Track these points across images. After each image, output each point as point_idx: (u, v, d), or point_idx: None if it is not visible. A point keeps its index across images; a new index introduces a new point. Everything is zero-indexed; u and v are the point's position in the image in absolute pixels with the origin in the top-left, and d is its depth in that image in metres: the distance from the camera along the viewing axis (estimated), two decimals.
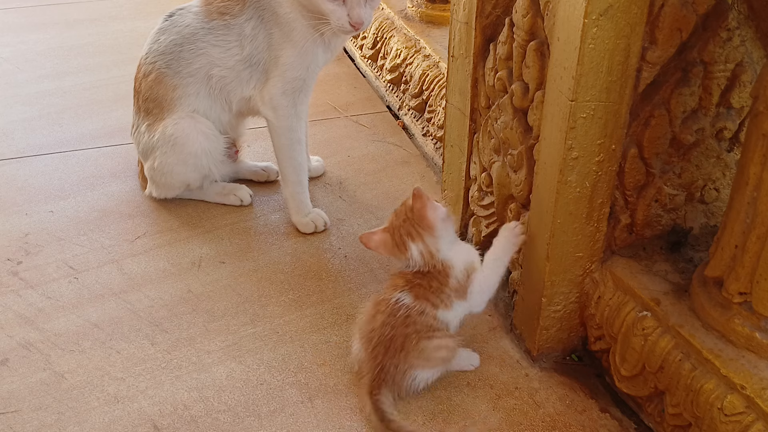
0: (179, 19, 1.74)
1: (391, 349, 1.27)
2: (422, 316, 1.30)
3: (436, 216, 1.31)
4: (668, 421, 1.19)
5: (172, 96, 1.73)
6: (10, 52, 2.80)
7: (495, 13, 1.43)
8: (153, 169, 1.81)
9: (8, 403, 1.34)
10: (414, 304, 1.30)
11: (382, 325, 1.29)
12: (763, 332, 1.07)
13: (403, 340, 1.28)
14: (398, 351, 1.28)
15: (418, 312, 1.29)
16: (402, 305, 1.29)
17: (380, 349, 1.28)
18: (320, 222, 1.80)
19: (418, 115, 2.23)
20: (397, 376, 1.28)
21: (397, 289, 1.32)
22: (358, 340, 1.34)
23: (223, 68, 1.70)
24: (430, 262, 1.31)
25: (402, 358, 1.28)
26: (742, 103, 1.23)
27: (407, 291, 1.31)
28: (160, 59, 1.73)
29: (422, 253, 1.31)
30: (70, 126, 2.27)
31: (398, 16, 2.48)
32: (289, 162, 1.78)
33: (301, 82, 1.69)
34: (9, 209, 1.88)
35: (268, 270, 1.68)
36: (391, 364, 1.27)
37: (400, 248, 1.33)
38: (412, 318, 1.29)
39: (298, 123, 1.74)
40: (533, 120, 1.33)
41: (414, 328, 1.29)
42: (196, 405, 1.34)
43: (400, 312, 1.29)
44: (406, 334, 1.28)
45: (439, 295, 1.31)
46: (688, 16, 1.12)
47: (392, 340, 1.27)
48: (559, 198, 1.24)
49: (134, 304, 1.57)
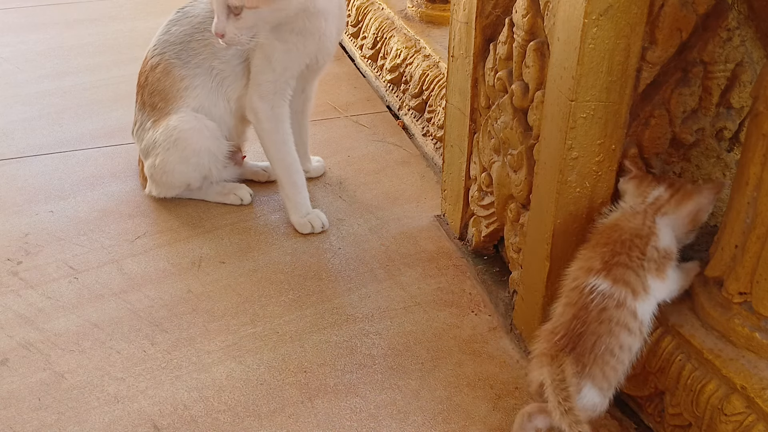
0: (190, 10, 1.76)
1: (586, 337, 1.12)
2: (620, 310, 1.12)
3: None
4: (668, 421, 1.19)
5: (179, 87, 1.74)
6: (10, 52, 2.80)
7: (495, 13, 1.43)
8: (154, 167, 1.80)
9: (8, 403, 1.34)
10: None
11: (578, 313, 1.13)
12: (764, 332, 1.07)
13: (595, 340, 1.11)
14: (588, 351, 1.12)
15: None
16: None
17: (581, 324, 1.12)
18: (317, 223, 1.80)
19: (418, 115, 2.23)
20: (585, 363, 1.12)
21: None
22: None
23: (222, 61, 1.72)
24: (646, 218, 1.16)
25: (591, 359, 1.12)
26: (742, 103, 1.23)
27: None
28: (169, 49, 1.74)
29: (653, 202, 1.17)
30: (70, 126, 2.27)
31: (398, 16, 2.48)
32: (278, 164, 1.78)
33: (272, 85, 1.69)
34: (9, 209, 1.88)
35: (268, 270, 1.68)
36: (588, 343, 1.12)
37: (652, 183, 1.19)
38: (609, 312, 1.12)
39: (278, 125, 1.74)
40: (533, 120, 1.33)
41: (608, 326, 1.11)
42: (196, 405, 1.34)
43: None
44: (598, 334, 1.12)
45: (639, 273, 1.13)
46: (688, 16, 1.12)
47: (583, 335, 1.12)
48: (559, 198, 1.24)
49: (134, 304, 1.57)
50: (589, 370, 1.11)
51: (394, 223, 1.84)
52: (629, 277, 1.13)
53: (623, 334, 1.12)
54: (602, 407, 1.17)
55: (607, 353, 1.11)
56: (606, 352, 1.11)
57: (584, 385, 1.12)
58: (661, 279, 1.14)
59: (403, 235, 1.80)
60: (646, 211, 1.17)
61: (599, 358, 1.11)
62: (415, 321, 1.53)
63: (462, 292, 1.61)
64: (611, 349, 1.11)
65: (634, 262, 1.13)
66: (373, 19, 2.58)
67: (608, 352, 1.11)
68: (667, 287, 1.16)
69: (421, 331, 1.51)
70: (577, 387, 1.10)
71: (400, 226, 1.83)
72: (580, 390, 1.11)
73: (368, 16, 2.62)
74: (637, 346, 1.14)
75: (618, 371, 1.14)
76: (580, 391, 1.11)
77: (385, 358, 1.44)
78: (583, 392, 1.12)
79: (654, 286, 1.14)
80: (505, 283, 1.60)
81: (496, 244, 1.68)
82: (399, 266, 1.69)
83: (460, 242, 1.75)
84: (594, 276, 1.14)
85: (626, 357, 1.14)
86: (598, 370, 1.12)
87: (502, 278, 1.63)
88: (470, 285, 1.63)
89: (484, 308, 1.57)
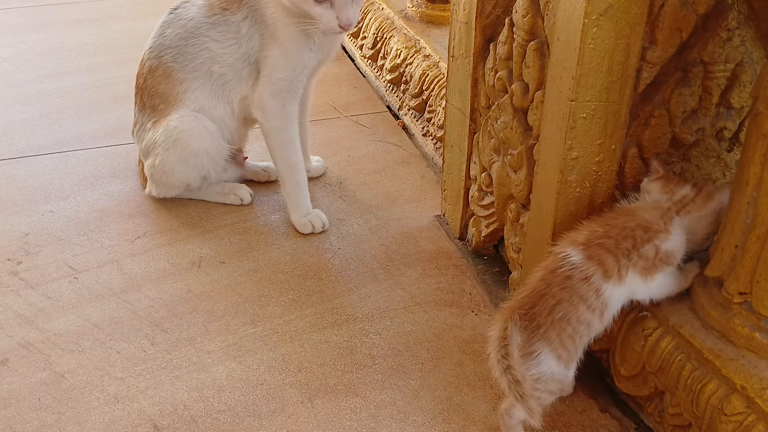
0: (183, 12, 1.74)
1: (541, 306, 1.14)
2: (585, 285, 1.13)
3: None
4: (668, 421, 1.19)
5: (178, 90, 1.73)
6: (10, 52, 2.80)
7: (495, 13, 1.43)
8: (153, 167, 1.80)
9: (8, 403, 1.34)
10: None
11: (539, 280, 1.16)
12: (763, 332, 1.07)
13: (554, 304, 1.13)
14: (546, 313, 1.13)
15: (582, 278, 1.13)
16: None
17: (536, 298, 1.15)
18: (318, 223, 1.80)
19: (418, 115, 2.23)
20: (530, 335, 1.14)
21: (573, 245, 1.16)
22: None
23: (223, 65, 1.71)
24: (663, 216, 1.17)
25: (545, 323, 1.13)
26: (742, 103, 1.23)
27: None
28: (167, 53, 1.74)
29: (679, 199, 1.17)
30: (70, 126, 2.27)
31: (398, 16, 2.48)
32: (283, 163, 1.78)
33: (287, 83, 1.69)
34: (9, 209, 1.88)
35: (268, 270, 1.68)
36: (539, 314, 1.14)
37: (678, 183, 1.19)
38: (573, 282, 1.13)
39: (288, 124, 1.74)
40: (533, 120, 1.33)
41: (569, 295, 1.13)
42: (196, 405, 1.34)
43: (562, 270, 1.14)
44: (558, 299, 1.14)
45: (620, 260, 1.14)
46: (688, 16, 1.12)
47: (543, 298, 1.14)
48: (559, 198, 1.24)
49: (134, 304, 1.57)
50: (545, 331, 1.13)
51: (394, 223, 1.84)
52: (606, 259, 1.14)
53: (582, 307, 1.13)
54: (564, 380, 1.18)
55: (564, 320, 1.13)
56: (563, 319, 1.13)
57: (540, 349, 1.13)
58: (645, 279, 1.15)
59: (403, 235, 1.80)
60: (669, 209, 1.17)
61: (556, 323, 1.13)
62: (415, 321, 1.53)
63: (462, 292, 1.61)
64: (568, 317, 1.13)
65: (618, 250, 1.14)
66: (373, 19, 2.58)
67: (565, 320, 1.13)
68: (648, 289, 1.17)
69: (421, 331, 1.51)
70: (527, 345, 1.12)
71: (400, 226, 1.83)
72: (535, 352, 1.13)
73: (368, 16, 2.62)
74: (596, 326, 1.16)
75: (575, 342, 1.15)
76: (534, 353, 1.13)
77: (385, 358, 1.44)
78: (540, 357, 1.14)
79: (634, 281, 1.15)
80: (505, 283, 1.60)
81: (496, 244, 1.68)
82: (399, 266, 1.69)
83: (460, 242, 1.75)
84: (572, 247, 1.16)
85: (583, 331, 1.15)
86: (554, 335, 1.13)
87: (502, 278, 1.63)
88: (470, 285, 1.63)
89: (484, 308, 1.57)
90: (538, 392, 1.16)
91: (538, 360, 1.14)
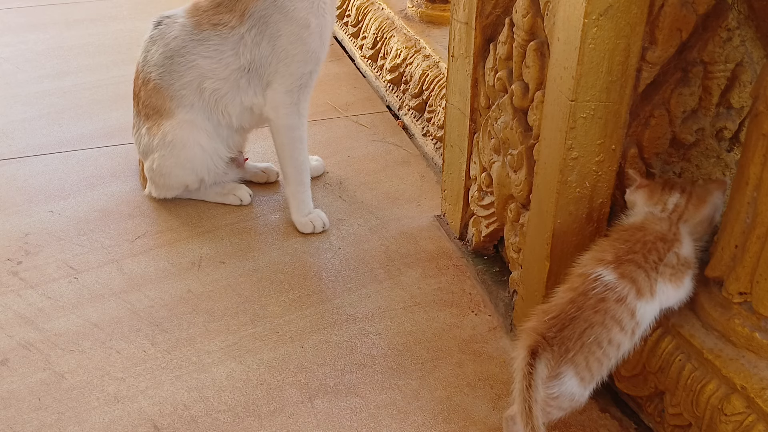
0: (167, 30, 1.72)
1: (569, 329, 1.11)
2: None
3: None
4: (668, 421, 1.19)
5: (169, 105, 1.74)
6: (10, 52, 2.80)
7: (495, 13, 1.43)
8: (152, 170, 1.81)
9: (8, 403, 1.34)
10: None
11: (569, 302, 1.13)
12: (763, 332, 1.07)
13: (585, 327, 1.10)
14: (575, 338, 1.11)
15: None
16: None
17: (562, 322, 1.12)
18: (319, 223, 1.80)
19: (418, 115, 2.23)
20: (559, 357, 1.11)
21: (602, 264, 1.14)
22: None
23: (216, 80, 1.70)
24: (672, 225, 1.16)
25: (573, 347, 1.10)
26: (742, 103, 1.23)
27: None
28: (154, 71, 1.73)
29: (673, 209, 1.17)
30: (70, 126, 2.27)
31: (398, 16, 2.48)
32: (290, 161, 1.78)
33: (308, 77, 1.70)
34: (9, 209, 1.88)
35: (268, 270, 1.68)
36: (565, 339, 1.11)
37: (664, 190, 1.19)
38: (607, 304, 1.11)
39: (300, 121, 1.74)
40: (533, 120, 1.33)
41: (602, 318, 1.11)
42: (196, 405, 1.34)
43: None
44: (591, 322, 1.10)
45: (650, 275, 1.12)
46: (688, 16, 1.12)
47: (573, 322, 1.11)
48: (559, 198, 1.24)
49: (134, 304, 1.57)
50: (573, 356, 1.10)
51: (394, 223, 1.84)
52: (638, 276, 1.12)
53: (615, 329, 1.11)
54: (580, 399, 1.16)
55: (594, 344, 1.10)
56: (594, 342, 1.10)
57: (565, 371, 1.11)
58: (676, 285, 1.14)
59: (403, 235, 1.80)
60: (671, 218, 1.17)
61: (586, 347, 1.10)
62: (415, 321, 1.53)
63: (462, 292, 1.61)
64: (600, 340, 1.11)
65: (648, 264, 1.13)
66: (373, 19, 2.58)
67: (596, 343, 1.11)
68: (678, 295, 1.15)
69: (421, 331, 1.51)
70: (554, 370, 1.09)
71: (400, 226, 1.83)
72: (561, 375, 1.10)
73: (368, 16, 2.62)
74: (626, 346, 1.14)
75: (602, 365, 1.13)
76: (559, 376, 1.10)
77: (385, 358, 1.44)
78: (563, 378, 1.11)
79: (664, 291, 1.13)
80: (505, 283, 1.60)
81: (496, 244, 1.68)
82: (399, 266, 1.69)
83: (460, 242, 1.75)
84: (603, 266, 1.13)
85: (613, 353, 1.13)
86: (582, 359, 1.11)
87: (502, 278, 1.63)
88: (470, 285, 1.63)
89: (484, 308, 1.57)
90: (549, 407, 1.14)
91: (561, 381, 1.11)
